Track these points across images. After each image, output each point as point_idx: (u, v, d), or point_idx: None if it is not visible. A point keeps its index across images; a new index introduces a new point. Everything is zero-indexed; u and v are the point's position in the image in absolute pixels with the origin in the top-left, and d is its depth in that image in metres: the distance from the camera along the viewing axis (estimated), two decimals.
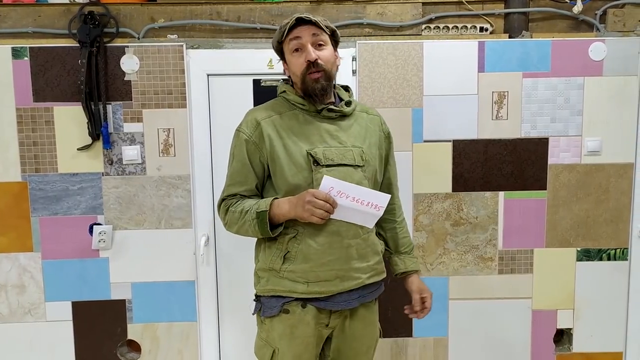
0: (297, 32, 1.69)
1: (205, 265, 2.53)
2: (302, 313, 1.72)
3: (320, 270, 1.70)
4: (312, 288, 1.70)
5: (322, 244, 1.69)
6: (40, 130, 2.43)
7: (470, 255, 2.55)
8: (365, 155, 1.76)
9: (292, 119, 1.74)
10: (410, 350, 2.59)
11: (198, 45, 2.47)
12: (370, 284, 1.80)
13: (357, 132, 1.79)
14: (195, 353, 2.56)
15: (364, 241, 1.75)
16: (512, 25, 2.52)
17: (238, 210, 1.72)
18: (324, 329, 1.76)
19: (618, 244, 2.55)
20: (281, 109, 1.77)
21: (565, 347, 2.63)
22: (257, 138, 1.72)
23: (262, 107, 1.80)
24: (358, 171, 1.73)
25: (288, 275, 1.71)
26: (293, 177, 1.69)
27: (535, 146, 2.50)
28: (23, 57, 2.39)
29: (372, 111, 1.91)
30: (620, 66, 2.46)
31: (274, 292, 1.74)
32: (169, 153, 2.47)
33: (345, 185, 1.64)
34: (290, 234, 1.71)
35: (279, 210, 1.67)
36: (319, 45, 1.71)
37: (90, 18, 2.37)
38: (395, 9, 2.52)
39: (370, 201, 1.67)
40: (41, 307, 2.51)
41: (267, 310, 1.76)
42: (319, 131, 1.73)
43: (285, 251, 1.71)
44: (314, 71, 1.68)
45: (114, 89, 2.43)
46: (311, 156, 1.68)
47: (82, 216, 2.47)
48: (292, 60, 1.73)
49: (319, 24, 1.68)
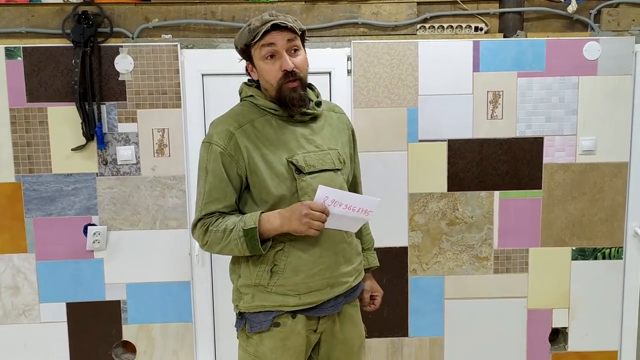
0: (271, 38, 1.58)
1: (201, 265, 2.52)
2: (293, 324, 1.66)
3: (312, 280, 1.64)
4: (304, 300, 1.64)
5: (313, 254, 1.63)
6: (34, 131, 2.41)
7: (466, 255, 2.55)
8: (341, 157, 1.71)
9: (265, 125, 1.65)
10: (406, 350, 2.59)
11: (192, 45, 2.46)
12: (355, 285, 1.78)
13: (330, 134, 1.73)
14: (190, 354, 2.56)
15: (349, 245, 1.73)
16: (507, 24, 2.53)
17: (221, 229, 1.61)
18: (312, 335, 1.72)
19: (613, 243, 2.56)
20: (251, 115, 1.66)
21: (560, 346, 2.63)
22: (233, 150, 1.61)
23: (230, 116, 1.68)
24: (338, 174, 1.69)
25: (277, 289, 1.64)
26: (276, 189, 1.61)
27: (530, 145, 2.50)
28: (16, 57, 2.38)
29: (338, 109, 1.84)
30: (614, 65, 2.47)
31: (262, 308, 1.66)
32: (163, 153, 2.46)
33: (339, 194, 1.57)
34: (276, 248, 1.63)
35: (269, 225, 1.58)
36: (294, 51, 1.62)
37: (84, 18, 2.36)
38: (390, 8, 2.52)
39: (361, 207, 1.60)
40: (35, 308, 2.49)
41: (256, 326, 1.67)
42: (295, 136, 1.65)
43: (272, 265, 1.63)
44: (291, 80, 1.60)
45: (108, 89, 2.41)
46: (292, 164, 1.61)
47: (77, 217, 2.46)
48: (264, 67, 1.62)
49: (294, 29, 1.59)
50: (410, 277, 2.55)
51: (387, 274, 2.51)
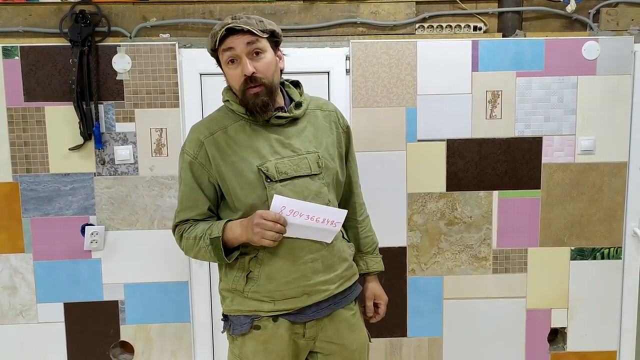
0: (230, 42, 1.53)
1: (199, 265, 2.52)
2: (274, 327, 1.63)
3: (286, 288, 1.61)
4: (279, 306, 1.62)
5: (286, 262, 1.60)
6: (31, 130, 2.40)
7: (465, 255, 2.54)
8: (322, 161, 1.64)
9: (238, 132, 1.61)
10: (404, 350, 2.58)
11: (191, 44, 2.45)
12: (342, 291, 1.71)
13: (312, 135, 1.66)
14: (189, 354, 2.55)
15: (329, 252, 1.65)
16: (506, 24, 2.52)
17: (192, 237, 1.61)
18: (300, 340, 1.67)
19: (612, 243, 2.56)
20: (226, 121, 1.63)
21: (559, 346, 2.63)
22: (203, 158, 1.60)
23: (205, 123, 1.66)
24: (315, 180, 1.62)
25: (253, 295, 1.62)
26: (246, 197, 1.58)
27: (529, 145, 2.50)
28: (14, 57, 2.37)
29: (327, 106, 1.76)
30: (613, 65, 2.46)
31: (240, 312, 1.65)
32: (161, 153, 2.45)
33: (298, 204, 1.52)
34: (250, 254, 1.61)
35: (232, 234, 1.56)
36: (255, 54, 1.55)
37: (81, 17, 2.35)
38: (389, 8, 2.51)
39: (325, 218, 1.55)
40: (33, 308, 2.49)
41: (237, 328, 1.66)
42: (269, 142, 1.60)
43: (247, 271, 1.62)
44: (253, 86, 1.55)
45: (105, 89, 2.41)
46: (262, 172, 1.57)
47: (74, 217, 2.45)
48: (228, 72, 1.59)
49: (252, 31, 1.52)
50: (408, 277, 2.54)
51: (385, 274, 2.50)
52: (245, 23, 1.53)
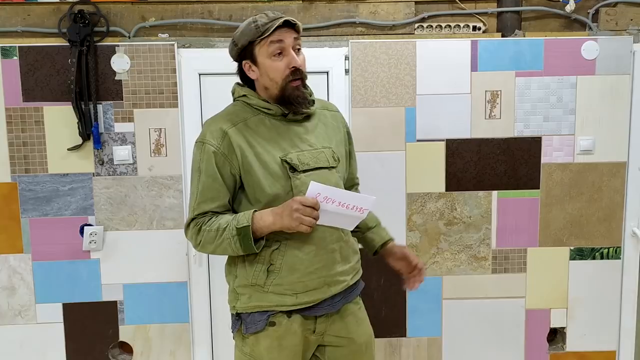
0: (280, 35, 1.59)
1: (198, 266, 2.51)
2: (289, 323, 1.65)
3: (308, 279, 1.64)
4: (301, 299, 1.64)
5: (309, 252, 1.63)
6: (30, 131, 2.40)
7: (464, 255, 2.54)
8: (336, 155, 1.71)
9: (258, 125, 1.65)
10: (404, 351, 2.58)
11: (189, 44, 2.45)
12: (351, 284, 1.76)
13: (324, 132, 1.74)
14: (187, 354, 2.55)
15: (346, 243, 1.72)
16: (505, 24, 2.52)
17: (214, 229, 1.60)
18: (310, 336, 1.70)
19: (611, 242, 2.56)
20: (244, 115, 1.66)
21: (558, 346, 2.63)
22: (226, 149, 1.61)
23: (222, 116, 1.69)
24: (333, 172, 1.68)
25: (274, 289, 1.63)
26: (271, 187, 1.60)
27: (529, 145, 2.50)
28: (12, 57, 2.37)
29: (332, 107, 1.84)
30: (612, 65, 2.46)
31: (259, 308, 1.66)
32: (160, 153, 2.45)
33: (332, 191, 1.57)
34: (272, 247, 1.62)
35: (262, 222, 1.57)
36: (297, 50, 1.64)
37: (80, 17, 2.35)
38: (388, 7, 2.51)
39: (355, 204, 1.60)
40: (32, 309, 2.48)
41: (251, 326, 1.67)
42: (289, 135, 1.66)
43: (268, 264, 1.63)
44: (297, 78, 1.62)
45: (104, 89, 2.40)
46: (286, 163, 1.61)
47: (73, 217, 2.45)
48: (271, 65, 1.61)
49: (299, 28, 1.62)
50: None
51: (384, 274, 2.51)
52: (293, 19, 1.60)
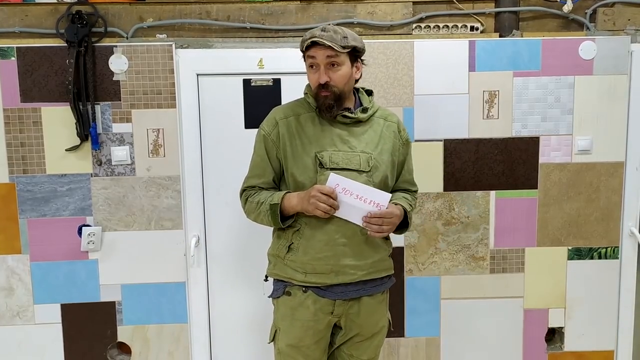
0: (313, 52, 1.79)
1: (196, 266, 2.51)
2: (303, 297, 1.85)
3: (317, 263, 1.82)
4: (310, 278, 1.83)
5: (320, 240, 1.81)
6: (28, 131, 2.40)
7: (462, 255, 2.54)
8: (372, 162, 1.84)
9: (307, 120, 1.87)
10: (402, 351, 2.58)
11: (187, 44, 2.45)
12: (372, 279, 1.88)
13: (370, 139, 1.88)
14: (186, 355, 2.55)
15: (364, 242, 1.84)
16: (503, 24, 2.52)
17: (255, 201, 1.87)
18: (329, 317, 1.86)
19: (609, 242, 2.56)
20: (301, 110, 1.89)
21: (556, 346, 2.63)
22: (275, 136, 1.87)
23: (284, 107, 1.94)
24: (362, 176, 1.81)
25: (290, 264, 1.86)
26: (300, 176, 1.83)
27: (526, 145, 2.50)
28: (10, 57, 2.36)
29: (392, 117, 1.97)
30: (610, 65, 2.46)
31: (278, 277, 1.90)
32: (158, 153, 2.45)
33: (350, 183, 1.74)
34: (295, 227, 1.85)
35: (288, 203, 1.81)
36: (332, 66, 1.79)
37: (78, 17, 2.35)
38: (386, 8, 2.51)
39: (372, 199, 1.75)
40: (30, 309, 2.48)
41: (274, 292, 1.93)
42: (331, 135, 1.85)
43: (290, 242, 1.86)
44: (324, 91, 1.80)
45: (102, 89, 2.40)
46: (318, 159, 1.81)
47: (71, 217, 2.45)
48: (309, 74, 1.85)
49: (333, 47, 1.74)
50: (406, 277, 2.54)
51: None
52: (329, 38, 1.75)
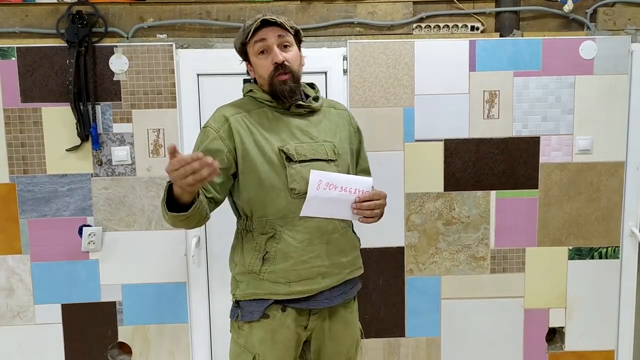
0: (262, 34, 1.68)
1: (197, 266, 2.51)
2: (283, 317, 1.70)
3: (302, 268, 1.67)
4: (294, 288, 1.67)
5: (302, 241, 1.67)
6: (28, 131, 2.40)
7: (463, 255, 2.54)
8: (337, 149, 1.75)
9: (261, 116, 1.73)
10: (402, 351, 2.58)
11: (188, 44, 2.45)
12: (350, 279, 1.80)
13: (328, 127, 1.79)
14: (186, 355, 2.55)
15: (342, 236, 1.75)
16: (503, 24, 2.52)
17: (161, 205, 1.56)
18: (302, 332, 1.74)
19: (609, 242, 2.56)
20: (249, 107, 1.75)
21: (557, 346, 2.63)
22: (225, 133, 1.68)
23: (228, 105, 1.78)
24: (331, 165, 1.72)
25: (268, 276, 1.68)
26: (267, 174, 1.66)
27: (527, 145, 2.50)
28: (10, 57, 2.36)
29: (340, 106, 1.90)
30: (610, 65, 2.46)
31: (255, 296, 1.70)
32: (158, 154, 2.45)
33: (333, 176, 1.65)
34: (268, 234, 1.68)
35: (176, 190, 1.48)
36: (284, 47, 1.70)
37: (78, 18, 2.35)
38: (386, 8, 2.51)
39: (357, 187, 1.68)
40: (30, 310, 2.48)
41: (247, 315, 1.72)
42: (289, 127, 1.72)
43: (263, 252, 1.68)
44: (282, 72, 1.68)
45: (102, 89, 2.40)
46: (283, 153, 1.67)
47: (72, 218, 2.45)
48: (258, 63, 1.72)
49: (284, 25, 1.68)
50: (407, 277, 2.54)
51: (383, 274, 2.51)
52: (274, 17, 1.67)
